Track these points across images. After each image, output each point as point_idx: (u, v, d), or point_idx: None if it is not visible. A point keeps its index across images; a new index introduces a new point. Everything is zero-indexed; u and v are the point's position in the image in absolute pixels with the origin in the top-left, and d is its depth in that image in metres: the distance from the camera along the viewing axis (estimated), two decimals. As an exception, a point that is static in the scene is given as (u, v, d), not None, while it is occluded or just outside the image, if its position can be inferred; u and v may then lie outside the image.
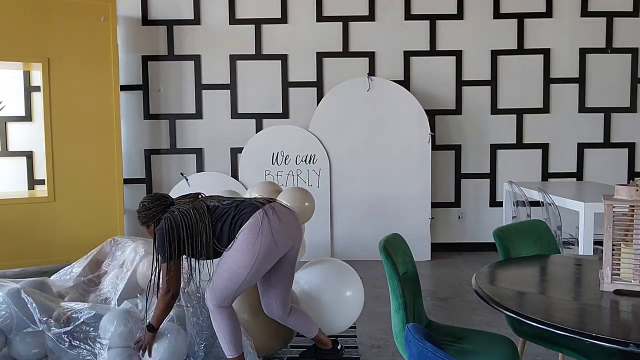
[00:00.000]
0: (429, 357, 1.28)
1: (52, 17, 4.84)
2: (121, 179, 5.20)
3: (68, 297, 3.11)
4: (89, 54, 5.00)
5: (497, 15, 5.66)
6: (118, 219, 5.16)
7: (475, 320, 3.69)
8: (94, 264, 3.46)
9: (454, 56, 5.70)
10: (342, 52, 5.69)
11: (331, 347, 2.98)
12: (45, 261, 4.86)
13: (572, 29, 5.68)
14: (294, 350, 3.13)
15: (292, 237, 2.62)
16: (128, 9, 5.66)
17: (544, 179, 5.79)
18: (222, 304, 2.56)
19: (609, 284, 1.90)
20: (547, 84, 5.71)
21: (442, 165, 5.76)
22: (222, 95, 5.77)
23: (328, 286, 3.16)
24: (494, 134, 5.76)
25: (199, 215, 2.50)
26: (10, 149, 5.63)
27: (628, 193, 1.90)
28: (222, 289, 2.53)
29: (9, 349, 2.73)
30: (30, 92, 5.60)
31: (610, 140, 5.76)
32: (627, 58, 5.69)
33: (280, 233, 2.52)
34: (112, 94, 5.12)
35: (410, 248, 2.40)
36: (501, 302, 1.81)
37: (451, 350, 2.11)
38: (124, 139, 5.57)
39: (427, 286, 4.49)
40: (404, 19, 5.67)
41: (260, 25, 5.69)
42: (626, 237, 1.89)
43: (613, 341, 1.52)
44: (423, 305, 2.42)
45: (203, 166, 5.79)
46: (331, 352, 2.98)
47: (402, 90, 5.37)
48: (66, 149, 4.94)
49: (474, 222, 5.83)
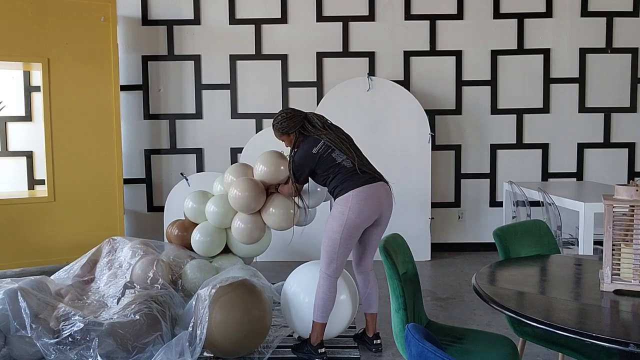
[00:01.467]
0: (429, 357, 1.28)
1: (52, 17, 4.84)
2: (121, 179, 5.20)
3: (67, 296, 3.11)
4: (89, 54, 5.00)
5: (497, 15, 5.66)
6: (118, 219, 5.16)
7: (475, 320, 3.69)
8: (92, 264, 3.47)
9: (454, 56, 5.70)
10: (342, 52, 5.69)
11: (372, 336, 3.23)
12: (45, 261, 4.86)
13: (572, 29, 5.68)
14: (279, 350, 3.13)
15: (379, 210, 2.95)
16: (128, 9, 5.66)
17: (544, 179, 5.79)
18: (327, 271, 2.94)
19: (609, 284, 1.90)
20: (547, 84, 5.71)
21: (442, 165, 5.76)
22: (222, 95, 5.77)
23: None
24: (494, 134, 5.76)
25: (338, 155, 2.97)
26: (10, 149, 5.63)
27: (628, 193, 1.90)
28: (325, 254, 2.94)
29: (9, 348, 2.73)
30: (30, 92, 5.60)
31: (610, 140, 5.76)
32: (627, 58, 5.69)
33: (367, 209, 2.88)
34: (112, 94, 5.12)
35: (410, 248, 2.41)
36: (501, 302, 1.81)
37: (451, 350, 2.11)
38: (124, 139, 5.57)
39: (427, 286, 4.49)
40: (404, 19, 5.67)
41: (260, 25, 5.69)
42: (626, 237, 1.88)
43: (613, 341, 1.52)
44: (423, 305, 2.42)
45: (203, 166, 5.79)
46: (370, 341, 3.22)
47: (402, 90, 5.37)
48: (66, 149, 4.94)
49: (474, 222, 5.83)
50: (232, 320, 2.85)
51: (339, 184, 2.93)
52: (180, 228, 3.86)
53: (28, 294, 2.77)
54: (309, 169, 3.02)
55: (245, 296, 2.93)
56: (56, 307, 2.83)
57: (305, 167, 3.01)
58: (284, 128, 3.06)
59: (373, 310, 3.23)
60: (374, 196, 2.90)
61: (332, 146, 2.97)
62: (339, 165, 2.94)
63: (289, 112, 3.09)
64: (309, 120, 3.06)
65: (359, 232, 2.94)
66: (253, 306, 2.93)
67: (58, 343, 2.64)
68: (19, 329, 2.66)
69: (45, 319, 2.72)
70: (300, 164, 3.01)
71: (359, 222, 2.89)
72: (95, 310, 3.03)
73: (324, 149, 2.96)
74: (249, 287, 3.01)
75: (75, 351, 2.64)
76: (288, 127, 3.04)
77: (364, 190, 2.88)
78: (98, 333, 2.68)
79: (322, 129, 3.03)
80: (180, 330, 2.95)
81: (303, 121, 3.05)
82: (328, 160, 2.96)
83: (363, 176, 2.92)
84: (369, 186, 2.90)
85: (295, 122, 3.04)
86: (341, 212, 2.87)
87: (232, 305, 2.86)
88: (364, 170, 2.95)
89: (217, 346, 2.88)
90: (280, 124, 3.06)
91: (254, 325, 2.91)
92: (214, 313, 2.80)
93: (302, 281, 3.18)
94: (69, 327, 2.69)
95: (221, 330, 2.82)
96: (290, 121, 3.04)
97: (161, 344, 2.81)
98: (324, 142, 2.98)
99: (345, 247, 2.91)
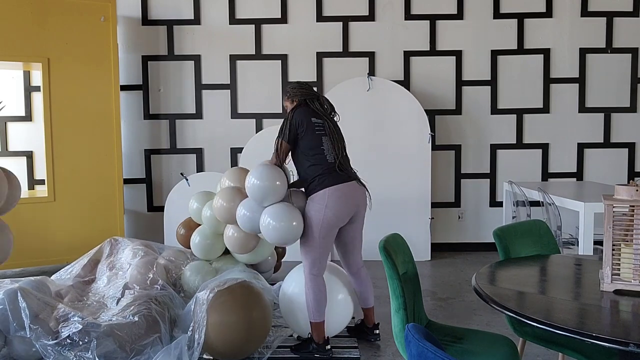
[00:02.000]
0: (429, 357, 1.28)
1: (52, 17, 4.84)
2: (121, 179, 5.20)
3: (67, 297, 3.11)
4: (89, 54, 5.00)
5: (497, 15, 5.66)
6: (118, 219, 5.16)
7: (475, 320, 3.69)
8: (93, 264, 3.47)
9: (454, 56, 5.70)
10: (342, 52, 5.70)
11: (372, 326, 3.30)
12: (45, 261, 4.86)
13: (572, 29, 5.68)
14: (279, 350, 3.13)
15: (354, 209, 3.01)
16: (128, 9, 5.66)
17: (544, 179, 5.79)
18: (313, 272, 2.97)
19: (609, 284, 1.90)
20: (547, 84, 5.71)
21: (442, 165, 5.76)
22: (222, 95, 5.77)
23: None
24: (494, 134, 5.76)
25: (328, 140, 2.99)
26: (10, 149, 5.63)
27: (628, 193, 1.90)
28: (307, 256, 2.97)
29: (9, 349, 2.73)
30: (30, 92, 5.60)
31: (610, 140, 5.76)
32: (627, 58, 5.69)
33: (343, 208, 2.93)
34: (112, 94, 5.12)
35: (410, 248, 2.41)
36: (501, 302, 1.81)
37: (451, 350, 2.11)
38: (124, 139, 5.57)
39: (427, 286, 4.49)
40: (404, 19, 5.67)
41: (260, 25, 5.69)
42: (626, 237, 1.88)
43: (613, 341, 1.52)
44: (423, 305, 2.42)
45: (203, 166, 5.79)
46: (370, 330, 3.28)
47: (402, 90, 5.37)
48: (66, 149, 4.94)
49: (474, 222, 5.83)
50: (231, 324, 2.83)
51: (315, 178, 2.94)
52: (186, 227, 3.85)
53: (28, 295, 2.77)
54: (295, 131, 2.97)
55: (244, 298, 2.92)
56: (56, 307, 2.83)
57: (295, 127, 2.97)
58: (292, 94, 3.12)
59: (370, 304, 3.29)
60: (349, 195, 2.96)
61: (325, 131, 3.01)
62: (322, 153, 2.96)
63: (304, 84, 3.16)
64: (319, 100, 3.12)
65: (335, 230, 3.00)
66: (252, 308, 2.91)
67: (57, 344, 2.64)
68: (18, 329, 2.66)
69: (45, 320, 2.72)
70: (292, 123, 2.98)
71: (335, 221, 2.94)
72: (94, 311, 3.02)
73: (317, 126, 3.00)
74: (248, 289, 2.99)
75: (73, 352, 2.64)
76: (295, 94, 3.11)
77: (339, 189, 2.92)
78: (96, 334, 2.68)
79: (325, 113, 3.08)
80: (179, 331, 2.94)
81: (313, 96, 3.10)
82: (316, 139, 2.97)
83: (340, 175, 2.95)
84: (344, 184, 2.94)
85: (304, 93, 3.10)
86: (317, 211, 2.91)
87: (231, 308, 2.85)
88: (342, 169, 2.98)
89: (216, 349, 2.86)
90: (292, 89, 3.14)
91: (253, 327, 2.90)
92: (212, 316, 2.79)
93: (300, 281, 3.18)
94: (68, 329, 2.68)
95: (220, 333, 2.81)
96: (301, 90, 3.11)
97: (160, 345, 2.80)
98: (322, 122, 3.02)
99: (325, 245, 2.96)
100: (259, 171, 2.93)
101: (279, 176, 2.93)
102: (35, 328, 2.65)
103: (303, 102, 3.09)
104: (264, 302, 3.00)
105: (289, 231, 2.88)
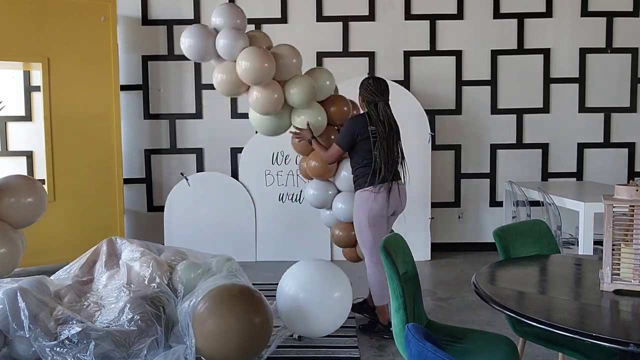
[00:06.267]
0: (429, 357, 1.28)
1: (52, 17, 4.84)
2: (121, 179, 5.20)
3: (66, 298, 3.11)
4: (89, 54, 5.00)
5: (497, 15, 5.66)
6: (118, 219, 5.16)
7: (475, 320, 3.69)
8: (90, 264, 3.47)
9: (454, 56, 5.70)
10: (342, 52, 5.69)
11: (387, 324, 3.37)
12: (45, 261, 4.86)
13: (572, 29, 5.67)
14: (279, 350, 3.12)
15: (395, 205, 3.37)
16: (128, 9, 5.65)
17: (544, 179, 5.78)
18: (372, 259, 3.33)
19: (609, 284, 1.90)
20: (547, 84, 5.71)
21: (442, 165, 5.75)
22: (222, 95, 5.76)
23: (313, 288, 3.18)
24: (494, 134, 5.76)
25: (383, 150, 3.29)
26: (10, 149, 5.62)
27: (628, 193, 1.90)
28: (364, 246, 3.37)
29: (9, 349, 2.73)
30: (30, 92, 5.59)
31: (610, 140, 5.76)
32: (627, 58, 5.69)
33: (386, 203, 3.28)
34: (112, 94, 5.13)
35: (410, 248, 2.41)
36: (501, 302, 1.81)
37: (451, 350, 2.11)
38: (124, 139, 5.57)
39: (427, 286, 4.49)
40: (404, 19, 5.67)
41: (260, 25, 5.68)
42: (626, 237, 1.89)
43: (613, 341, 1.52)
44: (423, 305, 2.42)
45: (203, 166, 5.78)
46: (386, 327, 3.34)
47: (402, 90, 5.36)
48: (66, 149, 4.94)
49: (474, 222, 5.83)
50: (227, 331, 2.73)
51: (365, 175, 3.29)
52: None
53: (27, 295, 2.76)
54: (354, 141, 3.32)
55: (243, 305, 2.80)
56: (55, 309, 2.82)
57: (354, 137, 3.31)
58: (361, 91, 3.39)
59: (386, 301, 3.33)
60: (393, 193, 3.31)
61: (378, 137, 3.27)
62: (373, 157, 3.28)
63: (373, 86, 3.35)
64: (377, 107, 3.32)
65: (383, 220, 3.32)
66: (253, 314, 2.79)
67: (55, 346, 2.63)
68: (17, 329, 2.65)
69: (44, 321, 2.71)
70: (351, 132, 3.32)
71: (380, 211, 3.28)
72: (92, 313, 3.01)
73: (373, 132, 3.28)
74: (246, 294, 2.87)
75: (72, 354, 2.63)
76: (362, 92, 3.39)
77: (385, 187, 3.28)
78: (94, 336, 2.66)
79: (379, 120, 3.30)
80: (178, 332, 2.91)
81: (374, 102, 3.33)
82: (370, 145, 3.28)
83: (386, 176, 3.28)
84: (388, 184, 3.29)
85: (368, 96, 3.35)
86: (364, 203, 3.28)
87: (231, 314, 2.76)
88: (388, 170, 3.29)
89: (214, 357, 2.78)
90: (364, 86, 3.39)
91: (254, 334, 2.79)
92: (206, 325, 2.71)
93: (299, 281, 3.18)
94: (66, 330, 2.68)
95: (217, 341, 2.73)
96: (367, 91, 3.36)
97: (156, 349, 2.76)
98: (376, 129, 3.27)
99: (376, 233, 3.27)
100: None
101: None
102: (34, 328, 2.65)
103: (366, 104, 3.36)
104: (264, 308, 2.87)
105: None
